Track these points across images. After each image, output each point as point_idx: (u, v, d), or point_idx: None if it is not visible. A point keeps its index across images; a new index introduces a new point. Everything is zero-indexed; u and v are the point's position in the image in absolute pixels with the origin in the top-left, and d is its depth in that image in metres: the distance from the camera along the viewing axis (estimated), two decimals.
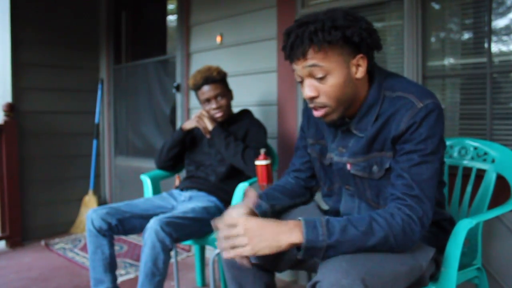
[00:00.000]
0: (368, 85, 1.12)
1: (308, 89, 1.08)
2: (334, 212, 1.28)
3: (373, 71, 1.12)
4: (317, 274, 0.92)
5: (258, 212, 1.17)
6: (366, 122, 1.10)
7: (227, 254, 0.98)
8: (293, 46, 1.05)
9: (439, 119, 1.03)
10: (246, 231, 0.95)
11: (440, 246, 1.17)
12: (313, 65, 1.04)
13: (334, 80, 1.05)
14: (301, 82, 1.10)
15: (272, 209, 1.23)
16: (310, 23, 1.03)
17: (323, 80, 1.06)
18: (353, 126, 1.13)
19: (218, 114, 1.98)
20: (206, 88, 1.96)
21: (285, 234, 0.94)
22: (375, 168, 1.10)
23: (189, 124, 2.04)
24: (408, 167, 1.01)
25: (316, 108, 1.11)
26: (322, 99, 1.08)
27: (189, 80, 2.03)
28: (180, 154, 2.12)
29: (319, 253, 0.94)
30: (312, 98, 1.08)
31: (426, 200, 0.99)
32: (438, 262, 1.17)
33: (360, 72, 1.07)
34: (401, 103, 1.05)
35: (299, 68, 1.07)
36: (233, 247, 0.96)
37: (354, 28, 1.02)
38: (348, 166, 1.15)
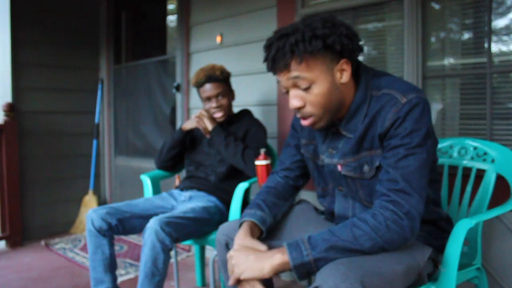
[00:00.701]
0: (355, 87, 1.12)
1: (294, 100, 1.08)
2: (330, 213, 1.28)
3: (359, 72, 1.12)
4: (316, 279, 0.93)
5: (264, 228, 1.18)
6: (355, 123, 1.10)
7: (229, 282, 1.07)
8: (275, 59, 1.05)
9: (424, 113, 1.03)
10: (234, 259, 1.05)
11: (437, 245, 1.17)
12: (297, 77, 1.05)
13: (319, 89, 1.06)
14: (287, 92, 1.11)
15: (275, 219, 1.24)
16: (290, 34, 1.03)
17: (308, 90, 1.06)
18: (342, 127, 1.13)
19: (218, 114, 1.98)
20: (207, 87, 1.96)
21: (267, 259, 1.00)
22: (365, 167, 1.10)
23: (189, 125, 2.04)
24: (395, 161, 1.02)
25: (303, 117, 1.11)
26: (308, 109, 1.09)
27: (192, 77, 2.03)
28: (180, 154, 2.12)
29: (311, 268, 0.96)
30: (299, 108, 1.09)
31: (413, 192, 0.99)
32: (436, 261, 1.17)
33: (345, 77, 1.07)
34: (386, 99, 1.05)
35: (283, 79, 1.08)
36: (230, 273, 1.06)
37: (334, 35, 1.02)
38: (339, 168, 1.16)
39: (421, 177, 1.01)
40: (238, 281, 1.05)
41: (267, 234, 1.20)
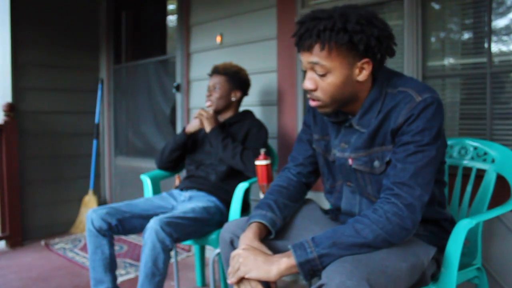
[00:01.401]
0: (372, 83, 1.13)
1: (308, 82, 1.11)
2: (336, 210, 1.28)
3: (377, 70, 1.13)
4: (322, 277, 0.93)
5: (274, 230, 1.18)
6: (369, 118, 1.12)
7: (230, 279, 1.07)
8: (301, 38, 1.08)
9: (437, 112, 1.04)
10: (242, 257, 1.05)
11: (441, 246, 1.18)
12: (316, 63, 1.07)
13: (333, 79, 1.08)
14: (305, 72, 1.13)
15: (284, 221, 1.24)
16: (323, 19, 1.05)
17: (323, 77, 1.08)
18: (355, 122, 1.15)
19: (207, 103, 2.06)
20: (211, 78, 2.09)
21: (274, 264, 1.01)
22: (376, 163, 1.11)
23: (192, 127, 2.05)
24: (404, 156, 1.03)
25: (312, 99, 1.14)
26: (318, 93, 1.11)
27: None
28: (182, 156, 2.13)
29: (315, 265, 0.97)
30: (310, 90, 1.12)
31: (416, 186, 1.01)
32: (439, 262, 1.17)
33: (362, 76, 1.09)
34: (401, 97, 1.07)
35: (304, 60, 1.10)
36: (234, 271, 1.06)
37: (363, 34, 1.03)
38: (350, 161, 1.17)
39: (427, 174, 1.03)
40: (240, 280, 1.05)
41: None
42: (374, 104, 1.11)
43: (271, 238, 1.19)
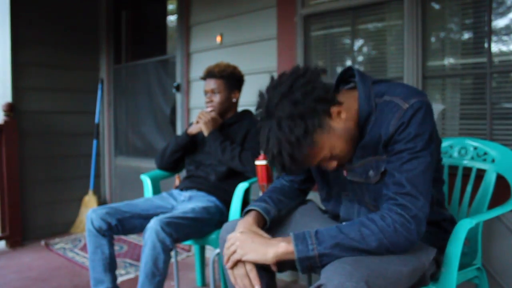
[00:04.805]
0: (356, 101, 1.10)
1: (330, 165, 1.11)
2: (335, 216, 1.28)
3: (356, 86, 1.11)
4: (321, 277, 0.93)
5: (268, 218, 1.18)
6: (361, 131, 1.11)
7: (226, 263, 1.08)
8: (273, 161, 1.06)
9: (427, 116, 1.03)
10: (239, 240, 1.06)
11: (440, 246, 1.17)
12: (318, 162, 1.08)
13: (338, 149, 1.07)
14: None
15: (279, 213, 1.24)
16: (275, 156, 1.03)
17: (333, 157, 1.08)
18: None
19: (209, 109, 2.04)
20: (207, 81, 2.05)
21: (273, 247, 1.01)
22: (371, 172, 1.10)
23: (194, 129, 2.05)
24: (399, 165, 1.02)
25: (327, 167, 1.12)
26: (341, 161, 1.11)
27: None
28: (182, 157, 2.13)
29: (314, 263, 0.96)
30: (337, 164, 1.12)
31: (419, 196, 0.99)
32: (438, 262, 1.17)
33: (343, 114, 1.06)
34: (388, 107, 1.05)
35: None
36: (229, 254, 1.07)
37: (310, 116, 1.00)
38: (345, 173, 1.16)
39: (426, 180, 1.01)
40: (236, 263, 1.05)
41: (271, 229, 1.20)
42: (369, 118, 1.08)
43: (267, 228, 1.19)
